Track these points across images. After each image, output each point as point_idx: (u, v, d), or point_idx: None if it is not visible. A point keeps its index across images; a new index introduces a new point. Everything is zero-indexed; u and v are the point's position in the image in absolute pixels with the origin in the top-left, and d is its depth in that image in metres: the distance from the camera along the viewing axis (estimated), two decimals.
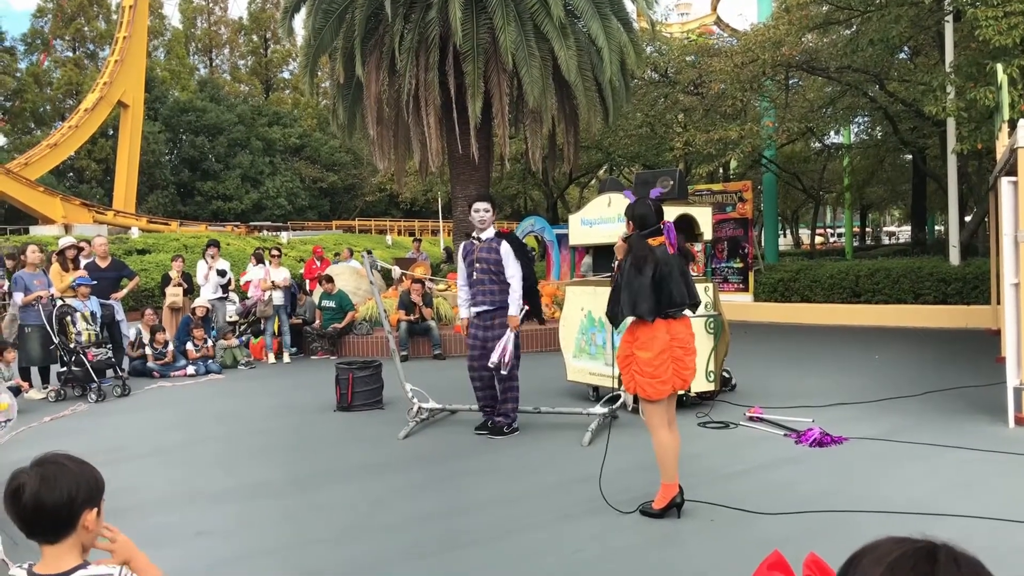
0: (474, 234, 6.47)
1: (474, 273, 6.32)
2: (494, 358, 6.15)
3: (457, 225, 15.22)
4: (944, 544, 1.02)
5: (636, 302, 4.15)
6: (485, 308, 6.29)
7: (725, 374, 7.56)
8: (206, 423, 7.37)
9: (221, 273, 11.64)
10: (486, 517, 4.44)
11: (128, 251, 22.13)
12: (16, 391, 8.10)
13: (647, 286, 4.14)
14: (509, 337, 6.21)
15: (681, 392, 6.82)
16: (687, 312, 4.34)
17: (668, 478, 4.27)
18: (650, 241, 4.25)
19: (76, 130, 36.90)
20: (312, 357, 11.65)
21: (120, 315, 10.21)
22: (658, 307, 4.17)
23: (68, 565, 1.76)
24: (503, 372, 6.21)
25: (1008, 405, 6.06)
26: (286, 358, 11.44)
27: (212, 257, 11.67)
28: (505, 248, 6.30)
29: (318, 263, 15.56)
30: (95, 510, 1.80)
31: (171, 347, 10.39)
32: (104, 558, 1.88)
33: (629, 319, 4.29)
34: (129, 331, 10.43)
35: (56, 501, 1.73)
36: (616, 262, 4.43)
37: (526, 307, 6.41)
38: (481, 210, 6.35)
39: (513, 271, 6.28)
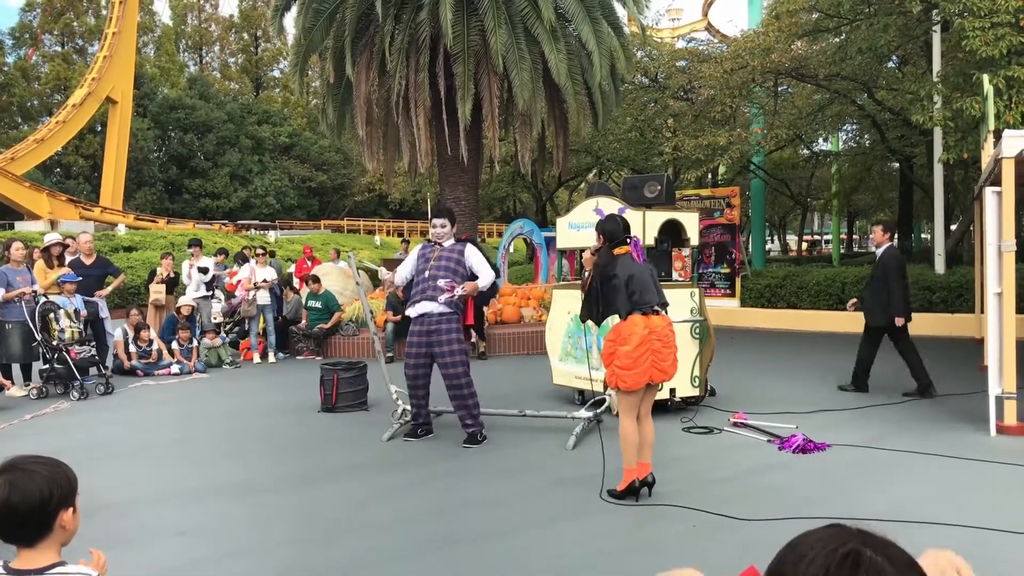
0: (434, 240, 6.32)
1: (427, 271, 6.05)
2: (442, 283, 5.97)
3: None
4: (869, 551, 0.92)
5: (609, 303, 4.72)
6: (432, 309, 5.99)
7: None
8: (189, 422, 7.32)
9: (203, 271, 11.59)
10: (470, 520, 4.44)
11: (114, 248, 22.02)
12: None
13: (619, 288, 4.69)
14: (463, 287, 6.03)
15: (665, 397, 6.94)
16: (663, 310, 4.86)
17: (628, 463, 4.69)
18: (616, 251, 4.84)
19: (63, 125, 36.65)
20: (298, 357, 11.61)
21: (104, 313, 10.14)
22: (629, 304, 4.67)
23: (46, 562, 1.75)
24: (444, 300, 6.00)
25: (990, 414, 6.10)
26: (271, 358, 11.38)
27: (193, 255, 11.71)
28: (470, 248, 6.21)
29: (309, 263, 15.52)
30: (70, 509, 1.79)
31: (155, 346, 10.32)
32: (85, 559, 1.88)
33: (611, 320, 4.77)
34: (114, 330, 10.36)
35: (29, 507, 1.71)
36: (587, 273, 5.02)
37: (467, 298, 6.22)
38: (438, 226, 6.19)
39: (482, 268, 6.17)
